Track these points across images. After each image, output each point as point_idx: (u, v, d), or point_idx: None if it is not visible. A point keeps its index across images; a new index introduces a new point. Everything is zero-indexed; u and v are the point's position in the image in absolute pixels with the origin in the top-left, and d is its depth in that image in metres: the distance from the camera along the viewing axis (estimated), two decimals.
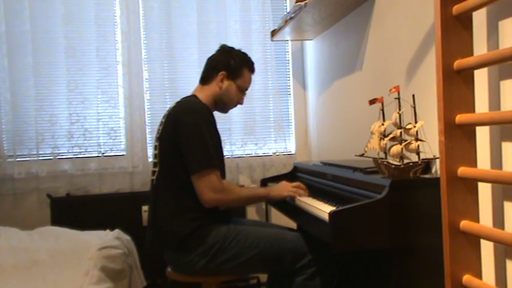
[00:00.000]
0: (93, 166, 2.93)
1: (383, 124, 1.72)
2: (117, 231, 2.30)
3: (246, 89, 2.13)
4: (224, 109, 2.13)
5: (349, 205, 1.51)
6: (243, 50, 2.13)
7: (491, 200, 1.36)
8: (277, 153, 3.18)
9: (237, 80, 2.06)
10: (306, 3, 2.33)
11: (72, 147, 2.91)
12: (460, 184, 1.31)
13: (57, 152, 2.90)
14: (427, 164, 1.66)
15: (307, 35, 2.94)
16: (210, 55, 2.14)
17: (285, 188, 2.03)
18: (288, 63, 3.31)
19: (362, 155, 1.80)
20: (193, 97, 2.05)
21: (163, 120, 2.02)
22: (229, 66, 2.05)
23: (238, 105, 2.13)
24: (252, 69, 2.12)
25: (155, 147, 2.01)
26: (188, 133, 1.88)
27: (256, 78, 3.12)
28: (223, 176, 1.99)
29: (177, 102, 2.04)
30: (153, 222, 1.97)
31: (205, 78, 2.07)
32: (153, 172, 2.00)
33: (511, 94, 1.27)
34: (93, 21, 2.92)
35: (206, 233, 1.87)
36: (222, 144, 2.08)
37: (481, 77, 1.37)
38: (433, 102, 1.48)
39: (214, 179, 1.86)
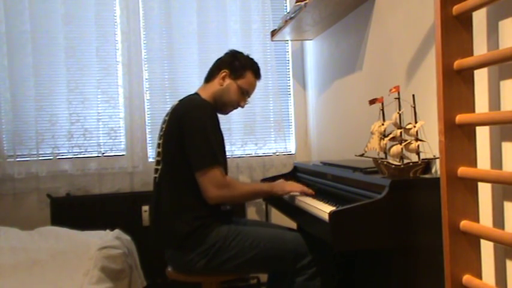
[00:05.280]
0: (93, 166, 2.94)
1: (383, 124, 1.72)
2: (117, 231, 2.30)
3: (248, 93, 2.12)
4: (223, 109, 2.11)
5: (349, 205, 1.51)
6: (251, 56, 2.15)
7: (491, 200, 1.36)
8: (277, 153, 3.19)
9: (239, 80, 2.06)
10: (306, 3, 2.33)
11: (72, 147, 2.92)
12: (460, 184, 1.31)
13: (57, 152, 2.90)
14: (427, 164, 1.66)
15: (307, 35, 2.94)
16: (209, 55, 2.15)
17: (289, 184, 2.04)
18: (288, 63, 3.31)
19: (362, 155, 1.80)
20: (195, 95, 2.06)
21: (166, 118, 2.02)
22: (233, 66, 2.06)
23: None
24: (256, 74, 2.12)
25: (158, 145, 2.02)
26: (192, 130, 1.88)
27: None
28: (225, 173, 2.00)
29: (180, 100, 2.04)
30: (156, 221, 1.98)
31: (209, 76, 2.10)
32: (156, 170, 2.00)
33: (511, 94, 1.27)
34: (93, 21, 2.93)
35: (207, 233, 1.87)
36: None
37: (481, 77, 1.37)
38: (433, 102, 1.48)
39: (218, 176, 1.87)
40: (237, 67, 2.06)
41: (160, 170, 1.97)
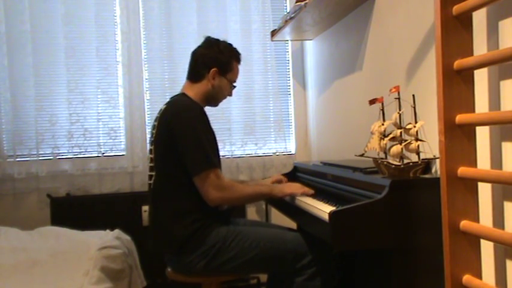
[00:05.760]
0: (93, 166, 2.94)
1: (383, 124, 1.72)
2: (117, 231, 2.30)
3: (235, 81, 2.10)
4: (215, 104, 2.11)
5: (349, 205, 1.51)
6: (228, 41, 2.09)
7: (491, 200, 1.36)
8: (277, 153, 3.19)
9: (228, 75, 2.04)
10: (306, 3, 2.33)
11: (72, 147, 2.92)
12: (460, 184, 1.31)
13: (57, 152, 2.90)
14: (427, 164, 1.66)
15: (307, 35, 2.94)
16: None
17: (288, 186, 2.03)
18: (288, 63, 3.31)
19: (362, 155, 1.80)
20: (182, 96, 2.01)
21: (155, 123, 1.98)
22: (220, 62, 2.00)
23: (237, 105, 2.13)
24: (239, 60, 2.09)
25: (150, 151, 2.00)
26: (183, 135, 1.86)
27: (256, 78, 3.15)
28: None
29: (167, 104, 2.00)
30: (154, 226, 1.97)
31: (196, 75, 2.03)
32: (150, 176, 1.98)
33: (511, 94, 1.27)
34: (93, 21, 2.93)
35: (206, 234, 1.86)
36: (221, 143, 2.07)
37: (481, 77, 1.37)
38: (433, 102, 1.48)
39: (217, 178, 1.85)
40: (225, 62, 2.01)
41: (155, 177, 1.95)
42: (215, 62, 2.00)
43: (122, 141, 3.00)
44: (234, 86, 2.11)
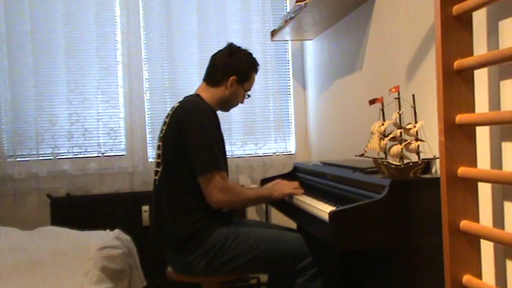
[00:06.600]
0: (93, 166, 2.94)
1: (383, 124, 1.72)
2: (117, 231, 2.30)
3: (250, 90, 2.15)
4: (227, 109, 2.15)
5: (349, 205, 1.51)
6: (249, 50, 2.13)
7: (491, 200, 1.36)
8: (277, 153, 3.19)
9: (245, 84, 2.08)
10: (306, 3, 2.33)
11: (72, 147, 2.92)
12: (460, 184, 1.31)
13: (57, 152, 2.90)
14: (427, 164, 1.66)
15: (307, 35, 2.94)
16: (209, 55, 2.10)
17: (285, 186, 2.04)
18: (288, 63, 3.31)
19: (362, 155, 1.80)
20: (196, 96, 2.03)
21: (166, 120, 2.00)
22: (240, 71, 2.04)
23: (237, 105, 2.14)
24: (257, 71, 2.15)
25: (158, 147, 2.01)
26: (193, 134, 1.87)
27: (256, 78, 3.14)
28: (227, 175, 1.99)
29: (181, 102, 2.01)
30: (156, 222, 1.97)
31: (214, 80, 2.04)
32: (156, 172, 1.99)
33: (511, 94, 1.27)
34: (93, 21, 2.93)
35: (207, 234, 1.86)
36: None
37: (481, 77, 1.37)
38: (433, 102, 1.48)
39: (222, 180, 1.86)
40: (244, 72, 2.05)
41: (160, 173, 1.96)
42: (235, 70, 2.03)
43: (122, 141, 3.00)
44: (248, 95, 2.15)
